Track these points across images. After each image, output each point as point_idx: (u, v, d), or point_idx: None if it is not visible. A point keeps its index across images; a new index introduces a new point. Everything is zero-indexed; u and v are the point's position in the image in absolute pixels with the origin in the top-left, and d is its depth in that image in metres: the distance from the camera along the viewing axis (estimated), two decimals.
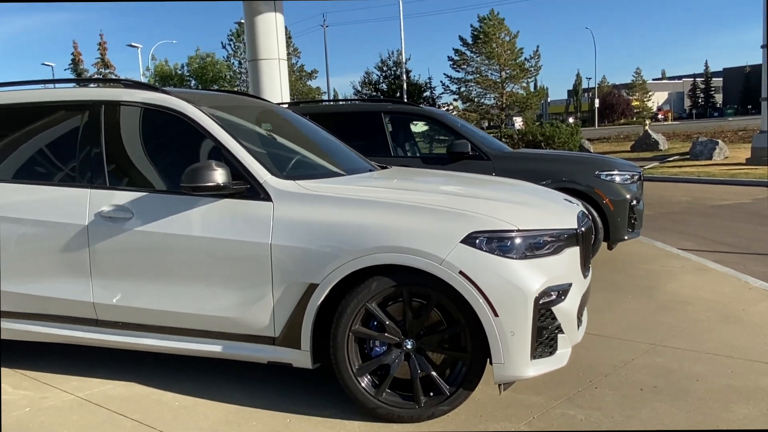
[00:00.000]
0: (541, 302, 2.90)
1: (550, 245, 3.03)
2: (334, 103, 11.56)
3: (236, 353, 3.32)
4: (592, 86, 72.12)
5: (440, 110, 9.54)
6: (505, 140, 19.66)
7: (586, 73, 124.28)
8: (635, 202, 6.36)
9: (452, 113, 22.35)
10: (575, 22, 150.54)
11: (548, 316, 2.96)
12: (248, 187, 3.25)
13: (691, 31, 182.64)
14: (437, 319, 3.04)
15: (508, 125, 38.86)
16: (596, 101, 62.05)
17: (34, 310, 3.61)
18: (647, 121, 37.37)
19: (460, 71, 40.39)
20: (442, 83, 45.81)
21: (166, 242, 3.33)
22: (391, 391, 3.07)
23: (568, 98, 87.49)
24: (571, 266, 3.13)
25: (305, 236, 3.09)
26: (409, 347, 3.04)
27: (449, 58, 40.34)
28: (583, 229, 3.28)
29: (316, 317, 3.08)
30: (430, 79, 58.70)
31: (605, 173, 6.33)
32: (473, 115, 38.81)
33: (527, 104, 39.55)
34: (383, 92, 35.90)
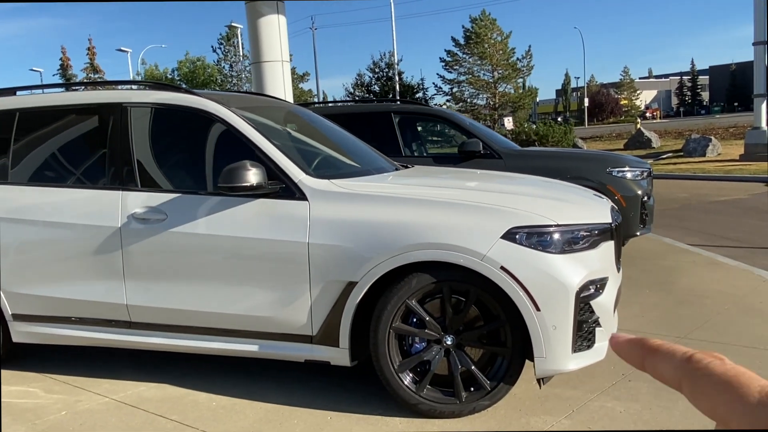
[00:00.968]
0: (581, 296, 2.93)
1: (587, 239, 3.07)
2: (343, 104, 11.56)
3: (273, 352, 3.32)
4: (581, 85, 72.56)
5: (449, 110, 9.58)
6: None
7: (574, 72, 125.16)
8: (646, 197, 6.41)
9: None
10: (563, 22, 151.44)
11: (587, 309, 3.00)
12: (283, 186, 3.26)
13: (677, 29, 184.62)
14: (475, 314, 3.06)
15: (499, 125, 38.99)
16: (586, 100, 62.38)
17: (66, 313, 3.60)
18: (638, 119, 37.56)
19: (452, 72, 40.59)
20: (434, 84, 45.99)
21: (201, 242, 3.34)
22: (431, 387, 3.09)
23: (556, 98, 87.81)
24: (606, 260, 3.17)
25: (343, 234, 3.11)
26: (449, 343, 3.06)
27: (441, 59, 40.53)
28: (616, 223, 3.32)
29: (354, 315, 3.09)
30: (422, 80, 58.85)
31: (617, 169, 6.37)
32: (465, 115, 38.87)
33: (519, 104, 39.73)
34: (375, 94, 35.92)
